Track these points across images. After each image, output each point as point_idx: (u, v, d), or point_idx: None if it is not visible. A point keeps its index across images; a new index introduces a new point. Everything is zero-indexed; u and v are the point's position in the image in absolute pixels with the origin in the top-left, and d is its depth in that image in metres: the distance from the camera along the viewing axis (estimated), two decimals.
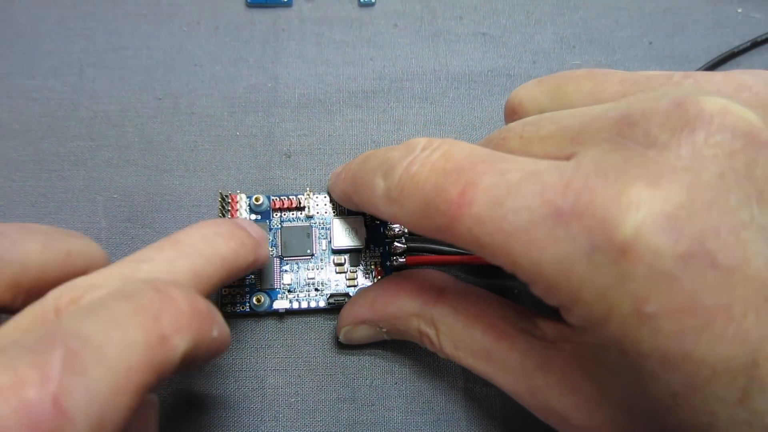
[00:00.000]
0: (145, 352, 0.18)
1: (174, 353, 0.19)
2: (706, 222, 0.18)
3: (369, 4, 0.39)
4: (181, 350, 0.19)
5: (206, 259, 0.24)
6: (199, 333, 0.20)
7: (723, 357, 0.18)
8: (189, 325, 0.20)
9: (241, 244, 0.26)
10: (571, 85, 0.26)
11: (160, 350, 0.19)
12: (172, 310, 0.20)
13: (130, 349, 0.18)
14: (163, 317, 0.19)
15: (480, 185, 0.21)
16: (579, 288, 0.20)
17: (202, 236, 0.24)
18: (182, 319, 0.20)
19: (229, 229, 0.26)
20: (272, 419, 0.32)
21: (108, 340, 0.18)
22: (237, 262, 0.25)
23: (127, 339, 0.18)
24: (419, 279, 0.30)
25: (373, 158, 0.27)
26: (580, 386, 0.23)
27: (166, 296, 0.20)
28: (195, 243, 0.24)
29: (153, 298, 0.20)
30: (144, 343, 0.18)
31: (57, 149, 0.35)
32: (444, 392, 0.32)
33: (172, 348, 0.19)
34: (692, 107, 0.20)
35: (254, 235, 0.27)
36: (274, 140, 0.36)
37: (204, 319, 0.21)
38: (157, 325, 0.19)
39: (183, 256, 0.23)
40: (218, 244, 0.25)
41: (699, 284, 0.18)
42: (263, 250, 0.28)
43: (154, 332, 0.19)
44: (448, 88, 0.38)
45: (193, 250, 0.24)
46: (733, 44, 0.39)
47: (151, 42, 0.37)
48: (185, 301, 0.20)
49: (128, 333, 0.18)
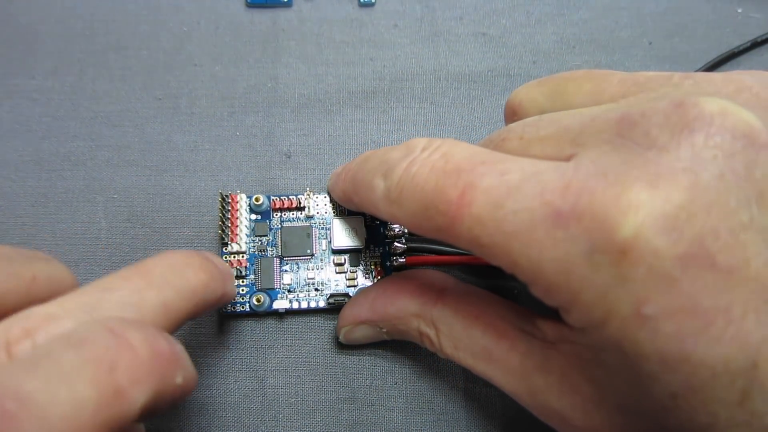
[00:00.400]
0: (96, 410, 0.16)
1: (131, 408, 0.17)
2: (706, 223, 0.18)
3: (369, 4, 0.39)
4: (140, 404, 0.18)
5: (176, 290, 0.22)
6: (161, 382, 0.19)
7: (722, 358, 0.18)
8: (149, 374, 0.18)
9: (211, 277, 0.25)
10: (570, 86, 0.26)
11: (115, 405, 0.17)
12: (130, 358, 0.18)
13: (78, 408, 0.16)
14: (118, 367, 0.17)
15: (480, 186, 0.21)
16: (578, 289, 0.20)
17: (172, 266, 0.23)
18: (141, 368, 0.18)
19: (199, 261, 0.25)
20: (272, 419, 0.32)
21: (52, 399, 0.16)
22: (206, 294, 0.24)
23: (76, 396, 0.16)
24: (419, 279, 0.30)
25: (373, 158, 0.27)
26: (580, 387, 0.23)
27: (122, 341, 0.18)
28: (164, 273, 0.23)
29: (108, 344, 0.18)
30: (96, 399, 0.16)
31: (57, 149, 0.35)
32: (444, 392, 0.32)
33: (129, 402, 0.17)
34: (692, 108, 0.20)
35: (222, 269, 0.26)
36: (274, 140, 0.36)
37: (167, 366, 0.19)
38: (112, 377, 0.17)
39: (151, 286, 0.22)
40: (188, 275, 0.23)
41: (698, 285, 0.18)
42: (231, 285, 0.27)
43: (107, 386, 0.17)
44: (448, 88, 0.38)
45: (162, 281, 0.22)
46: (733, 44, 0.39)
47: (151, 42, 0.37)
48: (145, 345, 0.18)
49: (77, 389, 0.16)
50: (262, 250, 0.32)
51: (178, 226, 0.34)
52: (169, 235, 0.34)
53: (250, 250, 0.32)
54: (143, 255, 0.33)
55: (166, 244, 0.34)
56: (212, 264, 0.25)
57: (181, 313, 0.22)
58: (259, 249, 0.32)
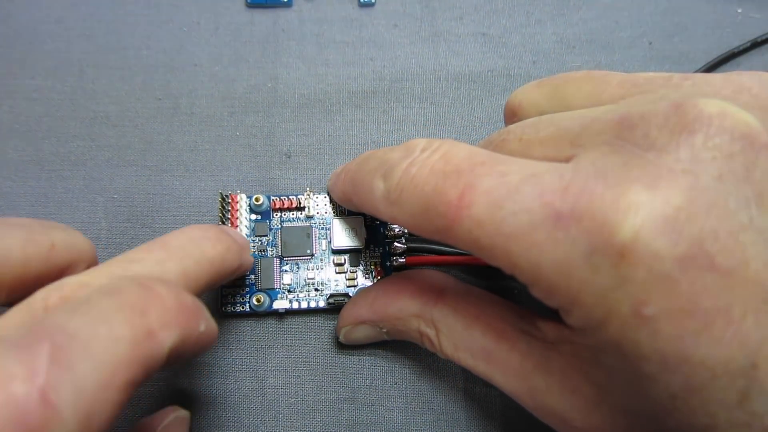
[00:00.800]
0: (131, 347, 0.18)
1: (161, 348, 0.19)
2: (705, 224, 0.18)
3: (369, 4, 0.39)
4: (168, 345, 0.19)
5: (195, 261, 0.24)
6: (186, 328, 0.20)
7: (722, 359, 0.18)
8: (175, 319, 0.20)
9: (228, 249, 0.26)
10: (570, 87, 0.26)
11: (147, 345, 0.19)
12: (159, 306, 0.20)
13: (116, 343, 0.18)
14: (149, 312, 0.19)
15: (479, 187, 0.21)
16: (578, 290, 0.20)
17: (191, 239, 0.25)
18: (169, 314, 0.20)
19: (216, 234, 0.26)
20: (272, 419, 0.32)
21: (94, 335, 0.18)
22: (224, 265, 0.26)
23: (114, 334, 0.18)
24: (419, 279, 0.30)
25: (373, 159, 0.27)
26: (580, 387, 0.23)
27: (152, 292, 0.20)
28: (184, 245, 0.24)
29: (139, 294, 0.20)
30: (131, 337, 0.18)
31: (57, 149, 0.35)
32: (444, 392, 0.32)
33: (159, 343, 0.19)
34: (691, 109, 0.20)
35: (239, 241, 0.27)
36: (274, 140, 0.36)
37: (191, 314, 0.21)
38: (144, 320, 0.19)
39: (172, 257, 0.23)
40: (206, 247, 0.25)
41: (698, 286, 0.18)
42: (248, 256, 0.28)
43: (140, 327, 0.19)
44: (448, 88, 0.38)
45: (182, 252, 0.24)
46: (733, 44, 0.39)
47: (151, 42, 0.37)
48: (171, 296, 0.20)
49: (115, 328, 0.18)
50: (262, 250, 0.32)
51: (178, 226, 0.34)
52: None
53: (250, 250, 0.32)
54: None
55: None
56: (229, 236, 0.27)
57: (200, 282, 0.24)
58: (259, 249, 0.32)
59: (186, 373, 0.32)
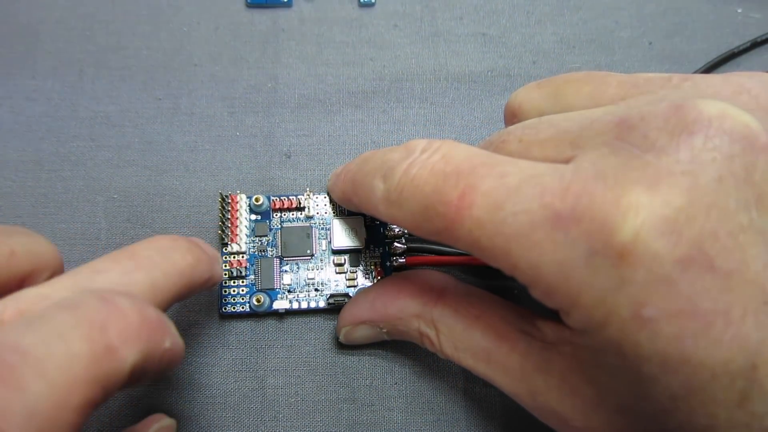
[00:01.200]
0: (89, 365, 0.17)
1: (122, 365, 0.18)
2: (705, 226, 0.18)
3: (369, 4, 0.39)
4: (130, 362, 0.19)
5: (163, 272, 0.23)
6: (149, 344, 0.20)
7: (722, 360, 0.18)
8: (138, 335, 0.19)
9: (198, 260, 0.25)
10: (570, 88, 0.26)
11: (107, 362, 0.18)
12: (120, 321, 0.19)
13: (73, 361, 0.17)
14: (109, 328, 0.18)
15: (479, 188, 0.22)
16: (578, 291, 0.20)
17: (160, 249, 0.24)
18: (130, 330, 0.19)
19: (186, 245, 0.25)
20: (272, 419, 0.32)
21: (49, 352, 0.17)
22: (193, 277, 0.25)
23: (70, 351, 0.17)
24: (419, 280, 0.30)
25: (373, 160, 0.27)
26: (580, 388, 0.23)
27: (112, 306, 0.19)
28: (152, 255, 0.23)
29: (99, 308, 0.19)
30: (89, 354, 0.18)
31: (57, 149, 0.35)
32: (444, 392, 0.32)
33: (119, 360, 0.18)
34: (691, 111, 0.20)
35: (208, 254, 0.27)
36: (274, 140, 0.36)
37: (154, 330, 0.20)
38: (103, 335, 0.18)
39: (140, 267, 0.23)
40: (176, 258, 0.24)
41: (698, 288, 0.18)
42: (218, 268, 0.27)
43: (99, 343, 0.18)
44: (448, 88, 0.38)
45: (150, 263, 0.23)
46: (733, 44, 0.39)
47: (151, 42, 0.37)
48: (134, 311, 0.20)
49: (71, 345, 0.17)
50: (262, 250, 0.32)
51: (178, 226, 0.34)
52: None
53: (250, 250, 0.32)
54: None
55: None
56: (198, 248, 0.26)
57: (168, 294, 0.23)
58: (259, 249, 0.32)
59: (186, 373, 0.32)
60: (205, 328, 0.32)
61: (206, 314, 0.32)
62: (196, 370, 0.32)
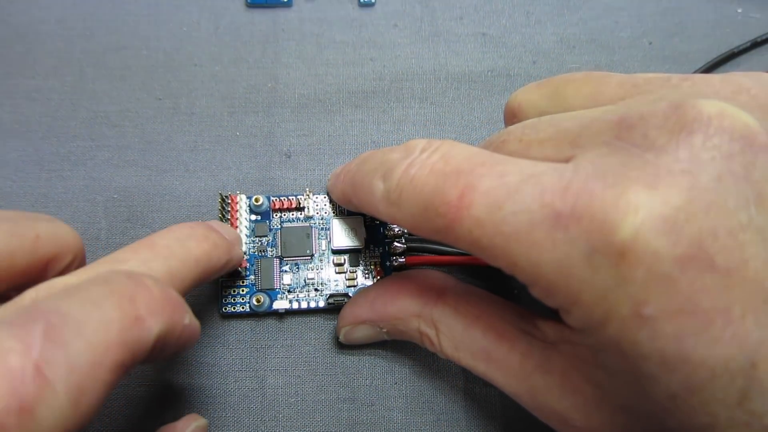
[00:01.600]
0: (121, 330, 0.19)
1: (148, 334, 0.20)
2: (704, 224, 0.18)
3: (369, 4, 0.39)
4: (155, 332, 0.20)
5: (180, 260, 0.25)
6: (171, 318, 0.21)
7: (722, 359, 0.18)
8: (162, 309, 0.21)
9: (214, 246, 0.27)
10: (570, 88, 0.26)
11: (136, 330, 0.19)
12: (146, 295, 0.20)
13: (107, 325, 0.19)
14: (137, 300, 0.20)
15: (479, 188, 0.22)
16: (578, 290, 0.20)
17: (176, 238, 0.25)
18: (156, 304, 0.21)
19: (203, 232, 0.27)
20: (272, 419, 0.32)
21: (87, 316, 0.18)
22: (210, 263, 0.26)
23: (105, 316, 0.19)
24: (419, 279, 0.30)
25: (372, 160, 0.27)
26: (580, 387, 0.23)
27: (139, 282, 0.21)
28: (169, 245, 0.25)
29: (127, 283, 0.20)
30: (120, 321, 0.19)
31: (57, 149, 0.35)
32: (444, 392, 0.32)
33: (146, 329, 0.20)
34: (690, 110, 0.20)
35: (227, 237, 0.28)
36: (274, 140, 0.36)
37: (176, 306, 0.22)
38: (133, 306, 0.20)
39: (158, 257, 0.24)
40: (191, 246, 0.26)
41: (697, 286, 0.18)
42: (237, 251, 0.29)
43: (129, 312, 0.20)
44: (448, 88, 0.38)
45: (167, 252, 0.24)
46: (733, 44, 0.39)
47: (151, 42, 0.37)
48: (158, 288, 0.21)
49: (105, 311, 0.19)
50: (262, 250, 0.32)
51: None
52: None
53: (250, 250, 0.32)
54: None
55: None
56: (216, 233, 0.27)
57: (186, 281, 0.25)
58: (258, 249, 0.32)
59: (186, 372, 0.32)
60: (205, 327, 0.32)
61: (206, 314, 0.32)
62: (196, 370, 0.32)
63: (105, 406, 0.30)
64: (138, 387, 0.31)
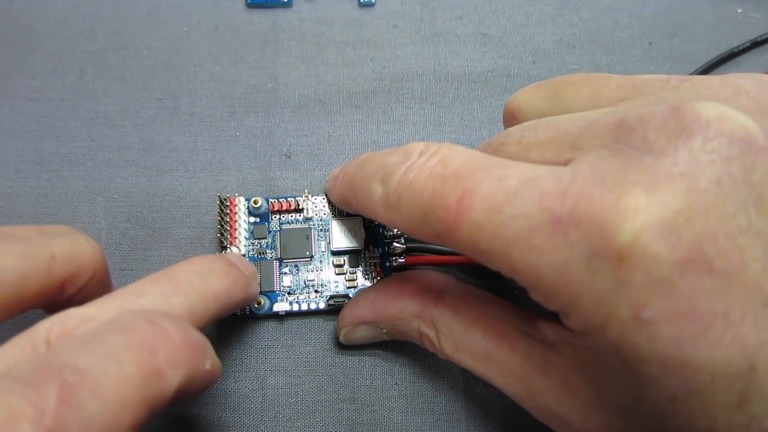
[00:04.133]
0: (140, 387, 0.18)
1: (168, 387, 0.19)
2: (704, 228, 0.18)
3: (369, 4, 0.39)
4: (175, 384, 0.19)
5: (200, 296, 0.24)
6: (192, 366, 0.20)
7: (721, 362, 0.18)
8: (183, 358, 0.20)
9: (234, 282, 0.26)
10: (569, 90, 0.26)
11: (155, 384, 0.19)
12: (167, 343, 0.19)
13: (125, 383, 0.18)
14: (158, 351, 0.19)
15: (478, 192, 0.21)
16: (578, 294, 0.20)
17: (197, 272, 0.24)
18: (177, 353, 0.20)
19: (223, 267, 0.26)
20: (272, 419, 0.32)
21: (104, 373, 0.17)
22: (229, 299, 0.26)
23: (123, 373, 0.18)
24: (419, 280, 0.30)
25: (371, 163, 0.27)
26: (580, 390, 0.23)
27: (160, 329, 0.20)
28: (190, 279, 0.24)
29: (148, 330, 0.19)
30: (139, 377, 0.18)
31: (57, 149, 0.35)
32: (444, 392, 0.32)
33: (167, 382, 0.19)
34: (689, 113, 0.20)
35: (245, 273, 0.27)
36: (274, 141, 0.36)
37: (197, 352, 0.21)
38: (153, 358, 0.19)
39: (179, 292, 0.23)
40: (212, 282, 0.25)
41: (697, 290, 0.18)
42: (254, 288, 0.28)
43: (149, 366, 0.19)
44: (448, 88, 0.38)
45: (188, 286, 0.24)
46: (733, 44, 0.39)
47: (151, 42, 0.37)
48: (179, 333, 0.20)
49: (124, 366, 0.18)
50: (262, 252, 0.32)
51: (178, 227, 0.34)
52: (169, 236, 0.34)
53: (249, 252, 0.32)
54: (143, 255, 0.33)
55: (166, 245, 0.34)
56: (236, 269, 0.27)
57: (204, 316, 0.24)
58: (258, 252, 0.32)
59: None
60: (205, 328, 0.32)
61: None
62: None
63: None
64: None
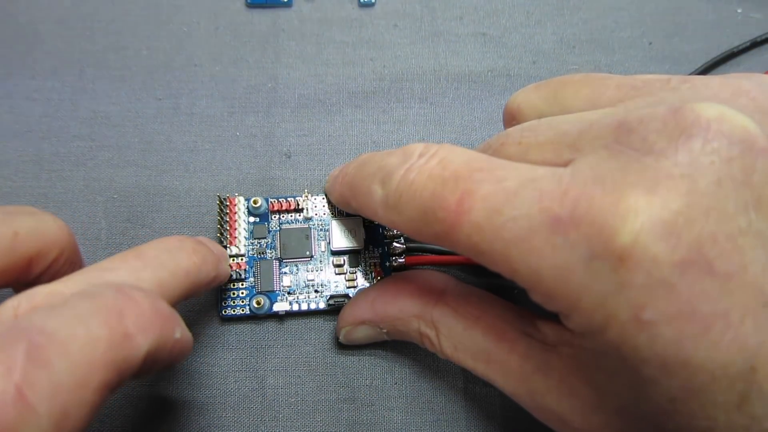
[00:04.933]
0: (108, 349, 0.18)
1: (137, 351, 0.19)
2: (704, 229, 0.18)
3: (369, 4, 0.39)
4: (144, 349, 0.20)
5: (170, 271, 0.24)
6: (161, 333, 0.21)
7: (721, 363, 0.18)
8: (152, 324, 0.20)
9: (204, 260, 0.26)
10: (569, 90, 0.26)
11: (124, 348, 0.19)
12: (135, 310, 0.20)
13: (93, 344, 0.18)
14: (126, 316, 0.19)
15: (478, 193, 0.21)
16: (578, 295, 0.20)
17: (167, 249, 0.25)
18: (145, 319, 0.20)
19: (193, 245, 0.26)
20: (272, 419, 0.32)
21: (72, 335, 0.18)
22: (199, 276, 0.26)
23: (91, 335, 0.18)
24: (419, 280, 0.30)
25: (370, 163, 0.27)
26: (580, 390, 0.23)
27: (128, 296, 0.20)
28: (159, 255, 0.24)
29: (116, 297, 0.20)
30: (108, 339, 0.19)
31: (57, 149, 0.35)
32: (444, 392, 0.32)
33: (135, 346, 0.19)
34: (689, 114, 0.20)
35: (215, 252, 0.28)
36: (274, 140, 0.36)
37: (166, 320, 0.21)
38: (121, 322, 0.19)
39: (147, 267, 0.24)
40: (182, 258, 0.25)
41: (697, 291, 0.18)
42: (224, 267, 0.29)
43: (117, 329, 0.19)
44: (448, 88, 0.38)
45: (157, 262, 0.24)
46: (733, 44, 0.39)
47: (151, 42, 0.37)
48: (147, 302, 0.21)
49: (92, 329, 0.18)
50: (261, 252, 0.32)
51: (178, 226, 0.34)
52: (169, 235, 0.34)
53: (249, 252, 0.32)
54: None
55: None
56: (205, 248, 0.27)
57: (174, 293, 0.24)
58: (258, 251, 0.32)
59: (186, 373, 0.32)
60: (205, 328, 0.32)
61: (206, 314, 0.32)
62: (196, 371, 0.32)
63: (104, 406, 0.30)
64: (138, 387, 0.31)
